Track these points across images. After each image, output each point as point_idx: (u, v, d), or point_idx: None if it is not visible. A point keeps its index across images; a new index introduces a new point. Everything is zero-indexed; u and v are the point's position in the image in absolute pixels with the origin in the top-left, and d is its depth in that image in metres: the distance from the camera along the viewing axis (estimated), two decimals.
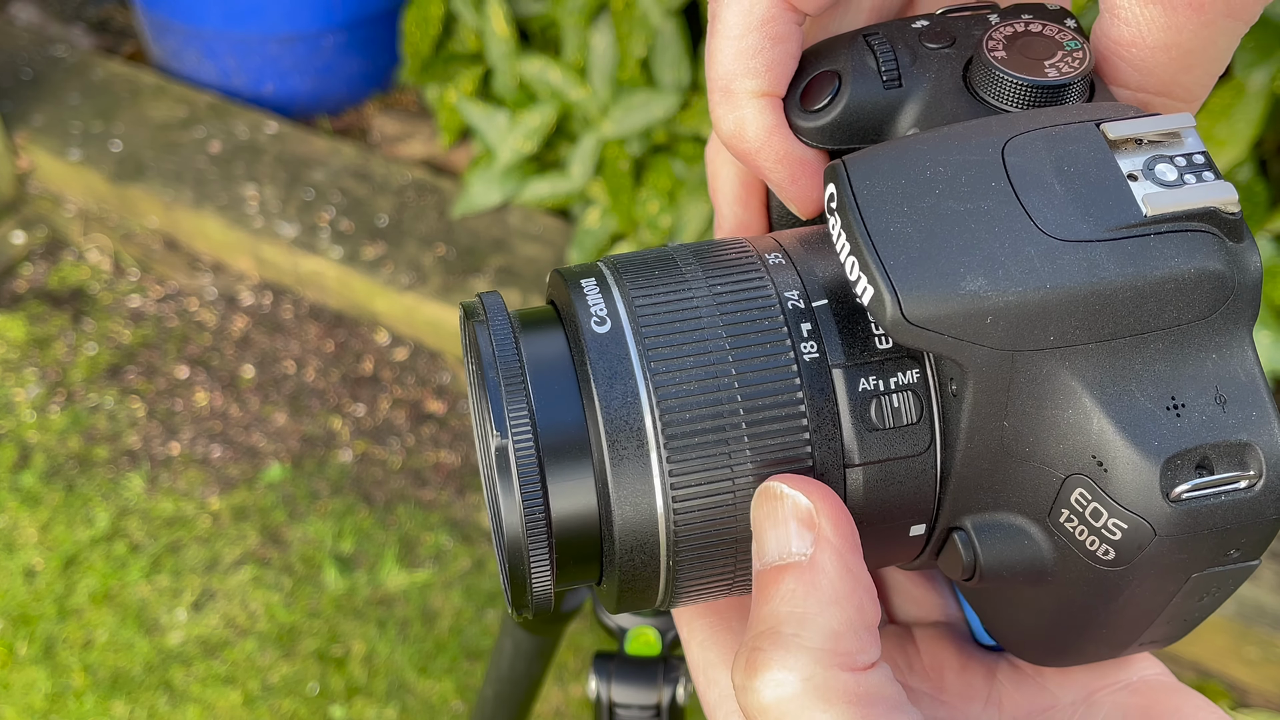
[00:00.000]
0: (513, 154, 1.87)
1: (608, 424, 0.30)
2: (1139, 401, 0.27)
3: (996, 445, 0.29)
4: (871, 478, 0.31)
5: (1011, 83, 0.31)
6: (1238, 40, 0.31)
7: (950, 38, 0.34)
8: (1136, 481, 0.27)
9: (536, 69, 1.84)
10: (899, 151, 0.29)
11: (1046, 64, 0.31)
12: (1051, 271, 0.27)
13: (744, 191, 0.39)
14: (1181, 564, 0.28)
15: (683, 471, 0.30)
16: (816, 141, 0.35)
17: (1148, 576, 0.28)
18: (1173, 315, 0.27)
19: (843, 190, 0.29)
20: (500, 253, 1.92)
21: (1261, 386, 0.28)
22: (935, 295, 0.27)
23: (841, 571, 0.28)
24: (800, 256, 0.33)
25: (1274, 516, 0.28)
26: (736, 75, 0.34)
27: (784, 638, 0.27)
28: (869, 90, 0.33)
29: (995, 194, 0.28)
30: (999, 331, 0.27)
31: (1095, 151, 0.28)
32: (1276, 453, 0.27)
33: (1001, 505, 0.30)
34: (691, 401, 0.30)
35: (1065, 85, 0.31)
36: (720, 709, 0.34)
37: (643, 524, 0.30)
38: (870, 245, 0.28)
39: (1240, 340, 0.28)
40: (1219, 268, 0.27)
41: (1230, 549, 0.28)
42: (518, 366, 0.31)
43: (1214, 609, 0.31)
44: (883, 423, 0.31)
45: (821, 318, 0.31)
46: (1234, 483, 0.27)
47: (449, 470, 1.76)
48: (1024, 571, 0.30)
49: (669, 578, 0.32)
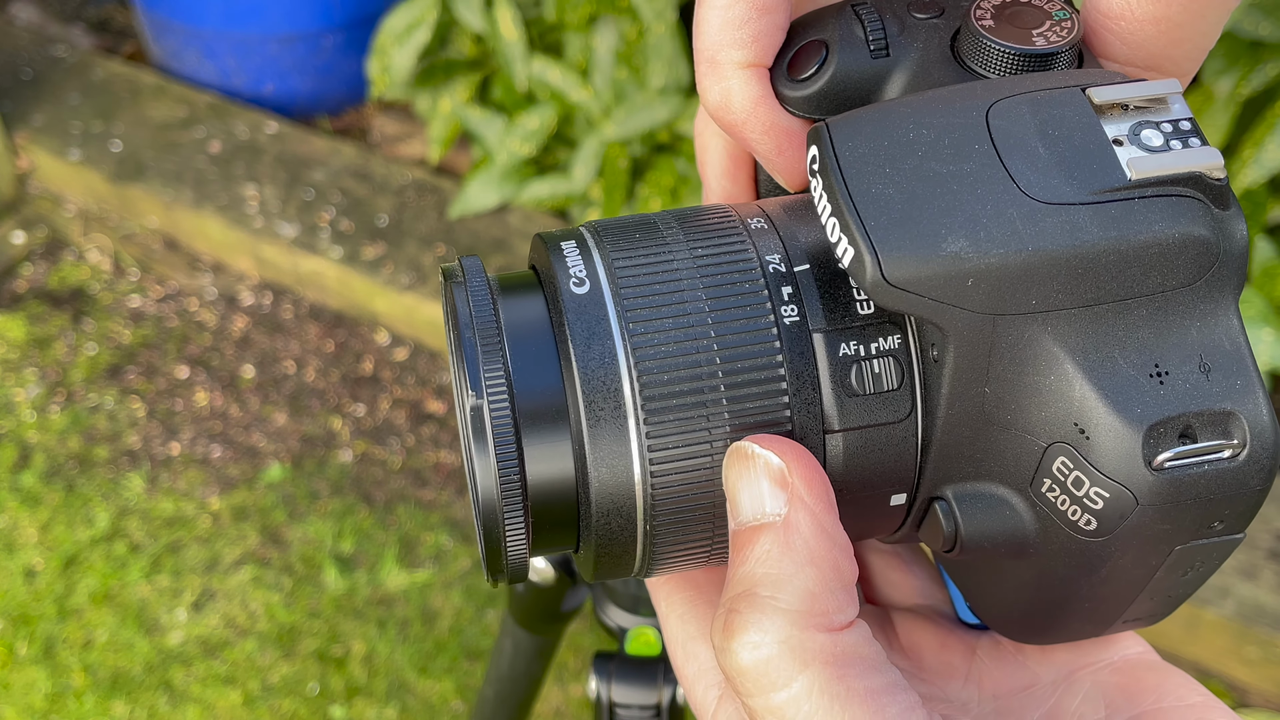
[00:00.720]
0: (510, 156, 1.87)
1: (585, 385, 0.30)
2: (1122, 368, 0.27)
3: (978, 412, 0.29)
4: (852, 444, 0.31)
5: (999, 51, 0.31)
6: (1227, 15, 0.31)
7: (939, 8, 0.33)
8: (1119, 449, 0.27)
9: (537, 69, 1.84)
10: (882, 114, 0.29)
11: (1034, 33, 0.31)
12: (1034, 234, 0.26)
13: (731, 164, 0.39)
14: (1165, 535, 0.28)
15: (660, 434, 0.30)
16: (803, 111, 0.34)
17: (1130, 547, 0.28)
18: (1157, 281, 0.27)
19: (825, 152, 0.29)
20: (500, 253, 1.92)
21: (1246, 355, 0.27)
22: (916, 257, 0.27)
23: (816, 530, 0.28)
24: (783, 222, 0.32)
25: (1258, 487, 0.27)
26: (723, 46, 0.33)
27: (759, 599, 0.27)
28: (856, 60, 0.33)
29: (978, 156, 0.28)
30: (980, 294, 0.27)
31: (1080, 115, 0.28)
32: (1260, 422, 0.27)
33: (983, 474, 0.30)
34: (670, 364, 0.30)
35: (1052, 54, 0.31)
36: (700, 683, 0.34)
37: (620, 488, 0.30)
38: (851, 206, 0.28)
39: (1225, 308, 0.28)
40: (1204, 233, 0.27)
41: (1214, 520, 0.28)
42: (495, 328, 0.30)
43: (1199, 584, 0.30)
44: (863, 388, 0.30)
45: (803, 282, 0.31)
46: (1218, 452, 0.27)
47: (449, 470, 1.76)
48: (1005, 543, 0.30)
49: (646, 544, 0.31)
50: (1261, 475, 0.27)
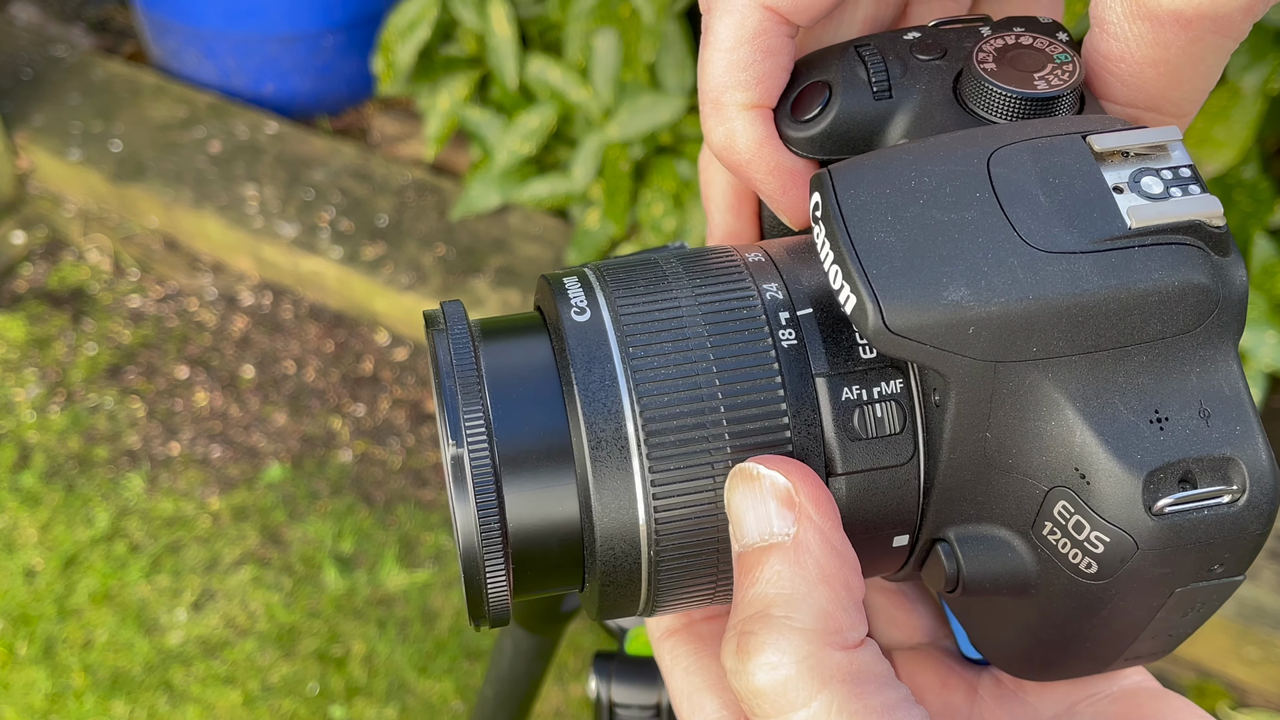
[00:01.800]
0: (510, 156, 1.87)
1: (586, 409, 0.30)
2: (1122, 414, 0.27)
3: (979, 456, 0.29)
4: (855, 487, 0.31)
5: (1000, 95, 0.31)
6: (1226, 57, 0.31)
7: (941, 50, 0.34)
8: (1119, 494, 0.27)
9: (537, 69, 1.84)
10: (884, 161, 0.29)
11: (1036, 76, 0.31)
12: (1034, 282, 0.27)
13: (736, 200, 0.40)
14: (1165, 578, 0.28)
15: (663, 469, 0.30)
16: (807, 152, 0.35)
17: (1131, 590, 0.28)
18: (1157, 328, 0.27)
19: (827, 199, 0.29)
20: (500, 253, 1.92)
21: (1245, 401, 0.28)
22: (917, 305, 0.27)
23: (826, 549, 0.28)
24: (786, 264, 0.33)
25: (1257, 531, 0.27)
26: (727, 88, 0.34)
27: (775, 620, 0.27)
28: (859, 101, 0.34)
29: (980, 204, 0.28)
30: (981, 342, 0.27)
31: (1081, 163, 0.28)
32: (1260, 468, 0.27)
33: (984, 517, 0.30)
34: (672, 399, 0.30)
35: (1054, 98, 0.31)
36: None
37: (624, 525, 0.30)
38: (854, 254, 0.28)
39: (1225, 354, 0.28)
40: (1204, 281, 0.27)
41: (1214, 564, 0.28)
42: (475, 375, 0.31)
43: (1199, 624, 0.30)
44: (866, 432, 0.31)
45: (806, 326, 0.31)
46: (1217, 497, 0.27)
47: None
48: (1007, 584, 0.30)
49: (651, 581, 0.31)
50: (1261, 520, 0.27)
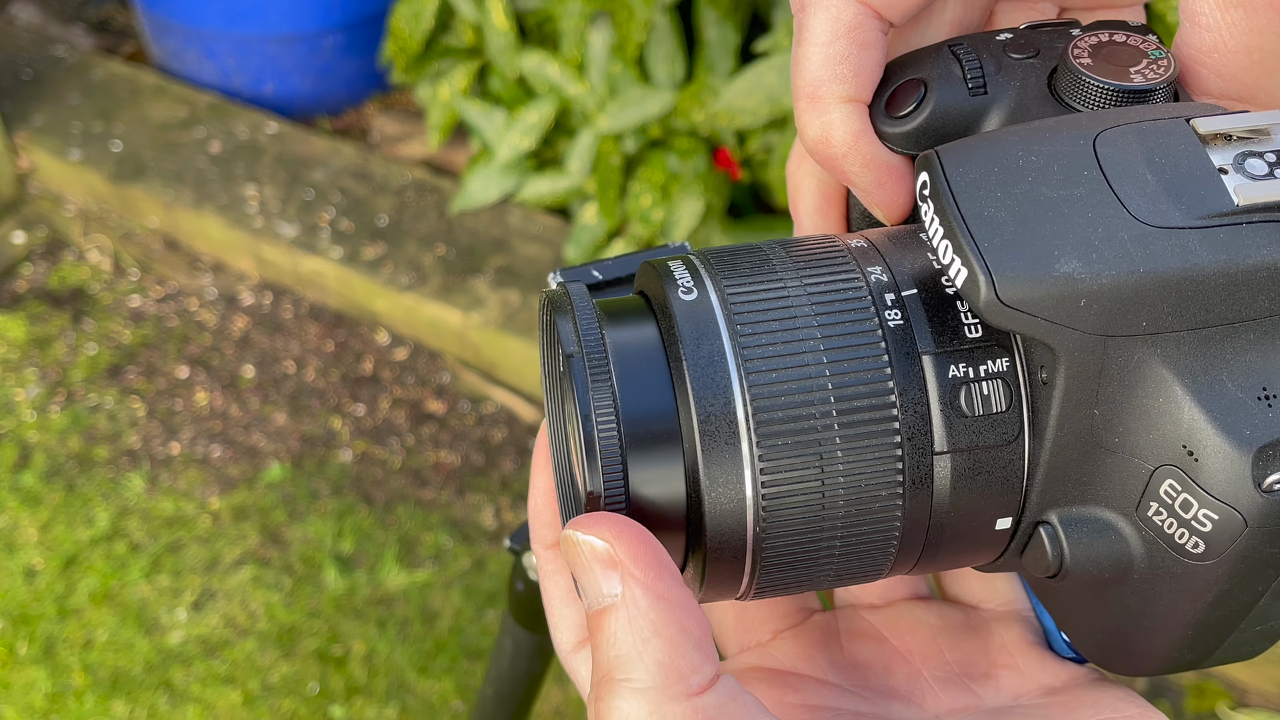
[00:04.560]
0: (512, 151, 1.87)
1: (696, 388, 0.30)
2: (1230, 391, 0.27)
3: (1086, 434, 0.29)
4: (959, 466, 0.31)
5: (1098, 88, 0.31)
6: None
7: (1034, 49, 0.34)
8: (1228, 471, 0.27)
9: (535, 64, 1.84)
10: (990, 142, 0.30)
11: (1132, 70, 0.32)
12: (1145, 256, 0.27)
13: (824, 202, 0.40)
14: (1272, 559, 0.28)
15: (772, 457, 0.30)
16: (902, 147, 0.35)
17: (1237, 571, 0.28)
18: (1264, 305, 0.27)
19: (936, 176, 0.29)
20: (500, 252, 1.92)
21: None
22: (1029, 277, 0.27)
23: (653, 600, 0.28)
24: (888, 249, 0.33)
25: None
26: (824, 81, 0.34)
27: (616, 684, 0.27)
28: (955, 96, 0.34)
29: (1088, 182, 0.28)
30: (1092, 315, 0.27)
31: (1186, 145, 0.28)
32: None
33: (1089, 499, 0.30)
34: (780, 376, 0.30)
35: (1151, 90, 0.31)
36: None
37: (732, 501, 0.30)
38: (965, 227, 0.28)
39: None
40: None
41: None
42: (602, 353, 0.31)
43: None
44: (972, 410, 0.30)
45: (911, 305, 0.31)
46: None
47: (449, 470, 1.76)
48: (1110, 568, 0.30)
49: (754, 565, 0.31)
50: None
